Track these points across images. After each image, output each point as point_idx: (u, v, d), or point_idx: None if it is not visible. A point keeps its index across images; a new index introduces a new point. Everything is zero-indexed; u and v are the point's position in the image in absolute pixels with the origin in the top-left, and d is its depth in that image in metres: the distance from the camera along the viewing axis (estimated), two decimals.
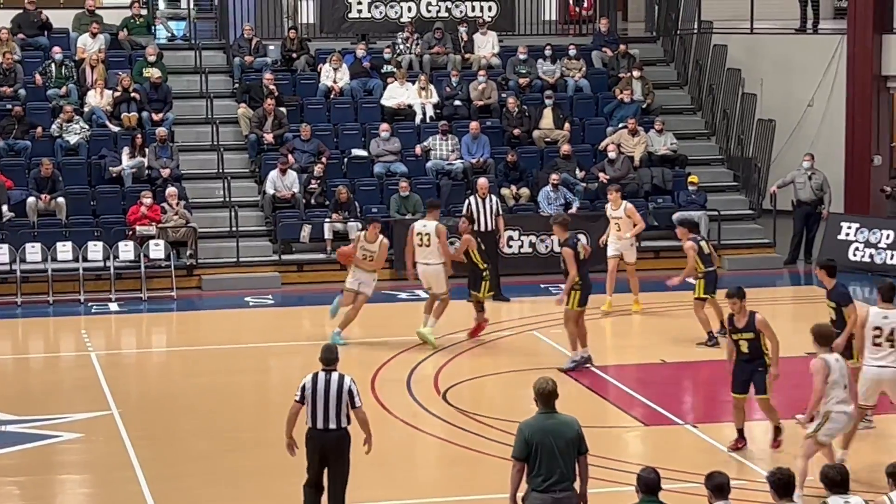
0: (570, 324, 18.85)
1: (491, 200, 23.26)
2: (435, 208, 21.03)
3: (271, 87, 27.14)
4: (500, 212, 23.47)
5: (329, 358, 12.77)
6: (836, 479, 10.19)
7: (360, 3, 29.54)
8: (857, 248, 25.63)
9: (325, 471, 12.76)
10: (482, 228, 23.03)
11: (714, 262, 20.46)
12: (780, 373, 15.19)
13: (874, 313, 14.80)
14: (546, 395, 11.23)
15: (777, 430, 15.41)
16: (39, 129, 26.09)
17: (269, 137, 26.67)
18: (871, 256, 25.37)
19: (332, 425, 12.57)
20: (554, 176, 25.99)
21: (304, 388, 12.62)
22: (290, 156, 26.09)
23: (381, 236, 20.19)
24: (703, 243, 20.55)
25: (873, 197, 28.04)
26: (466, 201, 23.45)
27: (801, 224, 26.49)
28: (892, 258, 25.30)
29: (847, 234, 25.95)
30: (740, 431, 15.47)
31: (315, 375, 12.67)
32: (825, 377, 13.46)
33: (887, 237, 25.45)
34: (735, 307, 15.15)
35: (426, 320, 20.16)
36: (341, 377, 12.62)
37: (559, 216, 20.68)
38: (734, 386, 15.34)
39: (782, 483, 10.08)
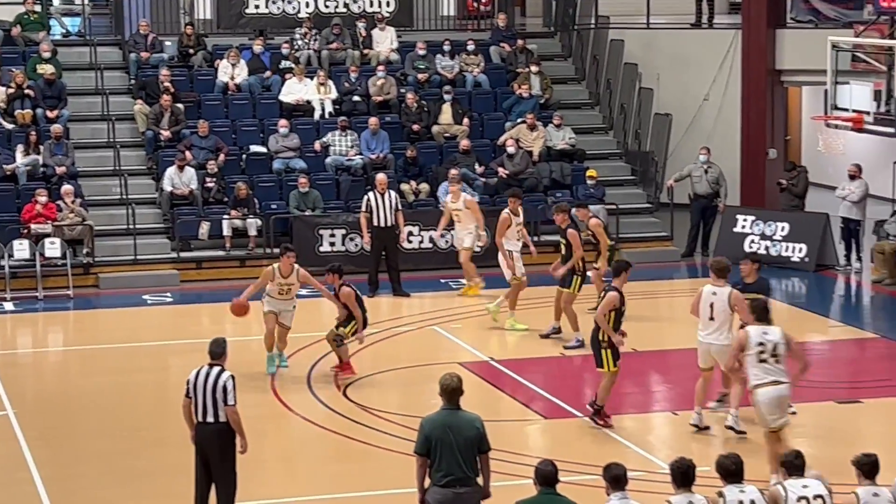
0: (570, 307, 19.81)
1: (390, 196, 23.29)
2: (511, 198, 21.38)
3: (167, 83, 26.92)
4: (400, 207, 23.51)
5: (213, 352, 12.77)
6: (731, 469, 10.29)
7: None
8: (752, 241, 25.91)
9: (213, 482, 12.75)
10: (381, 224, 23.07)
11: None
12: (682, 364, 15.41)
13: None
14: (450, 392, 11.28)
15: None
16: None
17: (166, 134, 26.45)
18: (766, 249, 25.65)
19: (210, 419, 12.56)
20: (453, 171, 26.01)
21: (188, 382, 12.69)
22: (187, 152, 25.90)
23: (296, 266, 18.32)
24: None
25: (768, 190, 28.38)
26: (365, 197, 23.45)
27: (698, 217, 26.74)
28: (787, 250, 25.61)
29: (743, 227, 26.22)
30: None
31: (199, 369, 12.70)
32: (696, 299, 15.69)
33: (782, 229, 25.76)
34: None
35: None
36: (221, 372, 12.61)
37: (560, 204, 21.05)
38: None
39: (681, 472, 10.17)
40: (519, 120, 27.71)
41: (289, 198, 25.66)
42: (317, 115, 27.56)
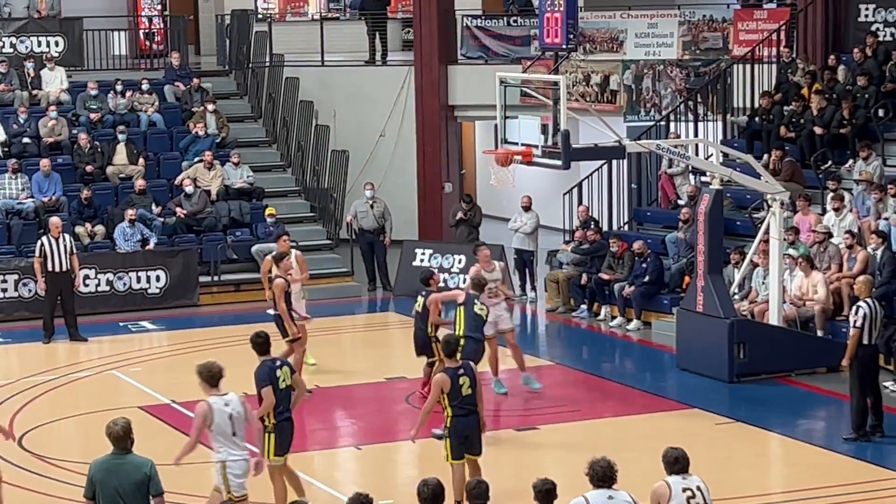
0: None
1: (64, 239, 22.75)
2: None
3: None
4: (75, 251, 22.99)
5: None
6: (428, 496, 10.27)
7: None
8: None
9: None
10: (56, 269, 22.50)
11: None
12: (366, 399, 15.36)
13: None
14: (114, 439, 11.07)
15: None
16: None
17: None
18: (444, 281, 26.05)
19: None
20: (130, 212, 25.63)
21: None
22: None
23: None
24: None
25: (445, 223, 28.89)
26: (39, 241, 22.83)
27: (368, 252, 27.00)
28: (464, 282, 26.05)
29: (422, 260, 26.61)
30: None
31: None
32: None
33: (459, 262, 26.25)
34: None
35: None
36: None
37: (479, 244, 20.88)
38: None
39: None
40: (196, 159, 27.51)
41: None
42: None
